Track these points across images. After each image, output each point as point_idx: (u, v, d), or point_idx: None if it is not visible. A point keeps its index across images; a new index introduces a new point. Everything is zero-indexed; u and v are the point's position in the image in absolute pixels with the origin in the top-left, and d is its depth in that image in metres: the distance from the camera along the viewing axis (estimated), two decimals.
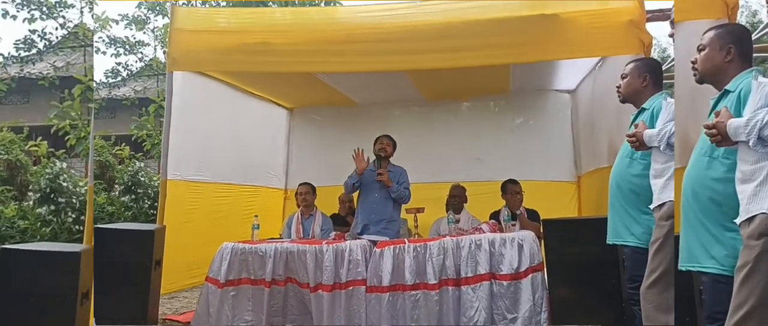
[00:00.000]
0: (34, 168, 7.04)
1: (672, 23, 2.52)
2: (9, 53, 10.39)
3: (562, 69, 5.34)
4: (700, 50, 2.15)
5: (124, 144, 10.03)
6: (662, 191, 2.30)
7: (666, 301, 2.21)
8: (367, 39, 4.06)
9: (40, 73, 10.40)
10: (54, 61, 10.66)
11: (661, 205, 2.29)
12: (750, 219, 1.70)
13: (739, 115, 1.85)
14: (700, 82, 2.19)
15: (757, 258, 1.64)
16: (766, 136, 1.67)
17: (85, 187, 6.60)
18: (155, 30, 13.07)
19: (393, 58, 4.10)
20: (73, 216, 6.40)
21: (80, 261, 2.83)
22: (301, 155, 6.71)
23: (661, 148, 2.32)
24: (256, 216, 4.34)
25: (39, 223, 6.11)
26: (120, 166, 8.90)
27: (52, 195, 6.40)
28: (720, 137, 1.84)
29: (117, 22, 13.89)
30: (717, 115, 1.90)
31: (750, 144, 1.70)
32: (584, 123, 5.60)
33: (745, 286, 1.66)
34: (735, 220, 1.79)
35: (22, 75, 10.33)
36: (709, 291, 2.00)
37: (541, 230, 3.84)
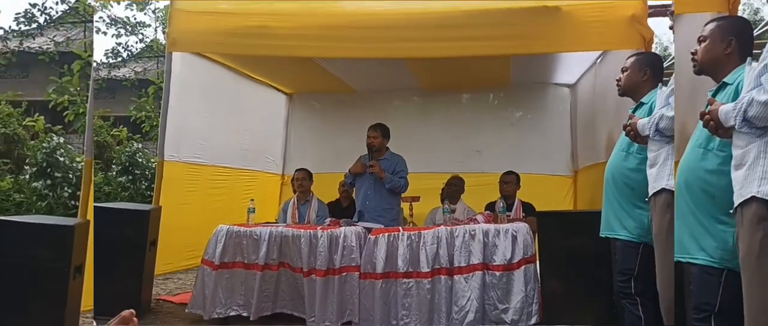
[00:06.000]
0: (32, 142, 7.01)
1: (671, 15, 2.51)
2: (9, 27, 10.34)
3: (563, 63, 5.33)
4: (700, 41, 2.14)
5: (122, 125, 10.01)
6: (654, 181, 2.31)
7: None
8: (367, 25, 4.04)
9: (39, 47, 10.38)
10: (54, 36, 10.63)
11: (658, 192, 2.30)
12: (743, 204, 1.69)
13: None
14: (698, 73, 2.18)
15: (761, 243, 1.62)
16: (751, 117, 1.65)
17: (82, 163, 6.59)
18: (156, 11, 13.01)
19: (392, 46, 4.08)
20: (69, 191, 6.38)
21: (74, 235, 2.83)
22: (299, 141, 6.71)
23: (650, 135, 2.33)
24: (252, 199, 4.35)
25: (35, 197, 6.09)
26: (118, 147, 8.89)
27: (48, 170, 6.38)
28: (714, 124, 1.83)
29: (118, 2, 13.84)
30: (710, 103, 1.89)
31: (736, 126, 1.70)
32: (583, 118, 5.60)
33: (758, 274, 1.63)
34: (731, 210, 1.78)
35: (21, 49, 10.28)
36: (698, 283, 1.99)
37: (536, 223, 3.85)
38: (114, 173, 8.14)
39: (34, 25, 10.42)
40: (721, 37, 2.07)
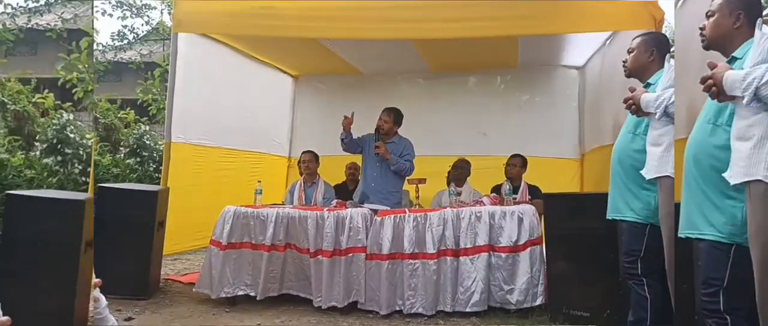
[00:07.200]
0: (42, 119, 7.02)
1: None
2: (17, 3, 10.26)
3: (571, 44, 5.28)
4: (708, 16, 2.11)
5: (129, 108, 10.02)
6: (660, 163, 2.29)
7: None
8: (374, 6, 4.01)
9: (47, 24, 10.31)
10: (62, 13, 10.55)
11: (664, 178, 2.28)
12: (751, 182, 1.68)
13: None
14: (707, 48, 2.14)
15: None
16: (764, 96, 1.63)
17: (92, 140, 6.62)
18: None
19: (399, 26, 4.06)
20: (80, 167, 6.40)
21: (85, 210, 2.86)
22: (305, 123, 6.72)
23: (656, 117, 2.31)
24: (259, 181, 4.37)
25: (46, 173, 6.11)
26: (125, 130, 8.91)
27: (59, 146, 6.39)
28: (716, 90, 1.81)
29: None
30: (712, 67, 1.85)
31: (744, 102, 1.67)
32: (591, 100, 5.56)
33: None
34: (734, 180, 1.77)
35: (29, 26, 10.23)
36: (706, 258, 1.98)
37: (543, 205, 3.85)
38: (122, 155, 8.17)
39: (42, 2, 10.35)
40: (730, 11, 2.04)
